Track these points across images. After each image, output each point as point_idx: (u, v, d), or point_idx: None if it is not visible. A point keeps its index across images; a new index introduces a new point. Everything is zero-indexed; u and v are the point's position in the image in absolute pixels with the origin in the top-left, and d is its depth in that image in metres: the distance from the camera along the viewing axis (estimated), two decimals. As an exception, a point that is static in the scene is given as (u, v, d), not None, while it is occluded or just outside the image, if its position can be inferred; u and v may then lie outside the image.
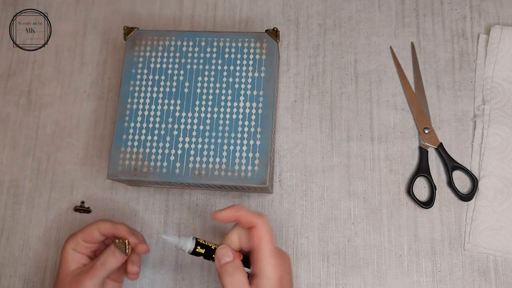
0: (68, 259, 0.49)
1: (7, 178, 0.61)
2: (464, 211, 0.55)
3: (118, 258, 0.48)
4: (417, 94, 0.59)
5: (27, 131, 0.62)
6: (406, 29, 0.61)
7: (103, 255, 0.48)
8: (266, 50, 0.54)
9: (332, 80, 0.60)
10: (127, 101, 0.54)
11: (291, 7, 0.63)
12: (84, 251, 0.50)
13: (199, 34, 0.56)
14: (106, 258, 0.48)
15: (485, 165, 0.55)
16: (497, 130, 0.56)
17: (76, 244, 0.50)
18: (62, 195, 0.60)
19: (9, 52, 0.66)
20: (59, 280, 0.49)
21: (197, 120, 0.53)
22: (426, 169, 0.56)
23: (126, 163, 0.52)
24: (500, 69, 0.58)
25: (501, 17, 0.60)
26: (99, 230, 0.50)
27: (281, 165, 0.58)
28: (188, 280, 0.55)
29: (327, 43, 0.62)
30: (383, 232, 0.55)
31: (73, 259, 0.49)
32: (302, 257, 0.55)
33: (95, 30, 0.65)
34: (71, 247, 0.50)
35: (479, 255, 0.54)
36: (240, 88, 0.53)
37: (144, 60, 0.55)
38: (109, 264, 0.48)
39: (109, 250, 0.48)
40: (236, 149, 0.52)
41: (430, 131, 0.57)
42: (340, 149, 0.58)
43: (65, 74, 0.64)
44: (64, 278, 0.49)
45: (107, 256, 0.48)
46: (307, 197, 0.57)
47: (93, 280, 0.47)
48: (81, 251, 0.50)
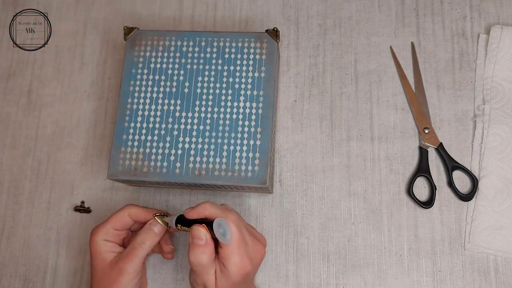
0: (102, 250, 0.48)
1: (7, 178, 0.61)
2: (464, 211, 0.55)
3: (157, 233, 0.48)
4: (417, 94, 0.59)
5: (27, 131, 0.62)
6: (406, 29, 0.61)
7: (139, 234, 0.48)
8: (266, 50, 0.54)
9: (332, 80, 0.60)
10: (127, 101, 0.54)
11: (291, 7, 0.63)
12: (115, 239, 0.49)
13: (199, 34, 0.56)
14: (144, 235, 0.47)
15: (485, 165, 0.55)
16: (497, 130, 0.56)
17: (106, 234, 0.49)
18: (62, 195, 0.60)
19: (9, 52, 0.66)
20: (97, 274, 0.48)
21: (197, 120, 0.53)
22: (426, 169, 0.56)
23: (126, 163, 0.52)
24: (500, 69, 0.58)
25: (501, 17, 0.60)
26: (130, 215, 0.49)
27: (281, 165, 0.58)
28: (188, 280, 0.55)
29: (327, 43, 0.62)
30: (383, 232, 0.55)
31: (107, 249, 0.48)
32: (302, 257, 0.55)
33: (95, 30, 0.65)
34: (101, 238, 0.49)
35: (479, 255, 0.54)
36: (240, 88, 0.53)
37: (144, 60, 0.55)
38: (149, 241, 0.47)
39: (145, 227, 0.48)
40: (236, 149, 0.52)
41: (430, 131, 0.57)
42: (340, 149, 0.58)
43: (65, 74, 0.64)
44: (104, 270, 0.47)
45: (144, 234, 0.47)
46: (307, 197, 0.57)
47: (134, 262, 0.46)
48: (113, 239, 0.49)
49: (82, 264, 0.57)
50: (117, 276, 0.46)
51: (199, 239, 0.43)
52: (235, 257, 0.43)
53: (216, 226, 0.43)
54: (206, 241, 0.43)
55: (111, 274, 0.47)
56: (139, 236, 0.48)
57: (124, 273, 0.46)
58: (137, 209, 0.50)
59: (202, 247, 0.43)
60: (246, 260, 0.44)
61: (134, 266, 0.47)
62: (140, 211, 0.50)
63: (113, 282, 0.46)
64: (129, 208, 0.50)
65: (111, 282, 0.46)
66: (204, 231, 0.44)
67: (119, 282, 0.46)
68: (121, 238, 0.51)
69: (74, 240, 0.58)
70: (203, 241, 0.43)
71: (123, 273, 0.46)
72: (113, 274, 0.46)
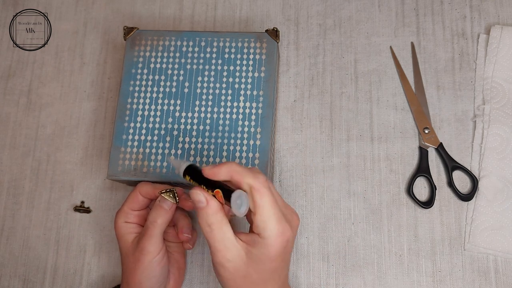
0: (123, 233, 0.48)
1: (7, 178, 0.61)
2: (464, 211, 0.55)
3: (166, 209, 0.47)
4: (417, 94, 0.59)
5: (27, 131, 0.62)
6: (406, 29, 0.61)
7: (150, 213, 0.47)
8: (266, 50, 0.54)
9: (332, 80, 0.60)
10: (127, 101, 0.54)
11: (291, 7, 0.63)
12: (135, 220, 0.49)
13: (199, 34, 0.56)
14: (155, 213, 0.47)
15: (485, 165, 0.55)
16: (497, 130, 0.56)
17: (125, 216, 0.49)
18: (62, 195, 0.60)
19: (9, 52, 0.66)
20: (123, 255, 0.48)
21: (197, 120, 0.53)
22: (426, 169, 0.56)
23: (126, 163, 0.52)
24: (500, 69, 0.58)
25: (501, 17, 0.60)
26: (141, 193, 0.49)
27: (281, 165, 0.58)
28: (188, 280, 0.55)
29: (327, 43, 0.62)
30: (383, 232, 0.55)
31: (127, 231, 0.48)
32: (302, 257, 0.55)
33: (95, 30, 0.65)
34: (122, 220, 0.49)
35: (479, 255, 0.54)
36: (240, 88, 0.53)
37: (144, 60, 0.55)
38: (160, 218, 0.46)
39: (155, 205, 0.47)
40: (236, 149, 0.52)
41: (430, 131, 0.57)
42: (340, 149, 0.58)
43: (65, 74, 0.64)
44: (127, 251, 0.48)
45: (155, 212, 0.47)
46: (307, 197, 0.57)
47: (151, 241, 0.46)
48: (133, 220, 0.49)
49: (82, 264, 0.57)
50: (139, 255, 0.46)
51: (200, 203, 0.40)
52: (272, 222, 0.38)
53: (235, 197, 0.38)
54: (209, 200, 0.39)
55: (134, 254, 0.47)
56: (151, 214, 0.47)
57: (144, 252, 0.46)
58: (147, 187, 0.49)
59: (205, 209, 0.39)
60: (285, 223, 0.38)
61: (153, 244, 0.46)
62: (150, 188, 0.49)
63: (136, 262, 0.46)
64: (140, 187, 0.49)
65: (135, 262, 0.47)
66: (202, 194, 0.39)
67: (141, 261, 0.46)
68: (143, 218, 0.50)
69: (73, 240, 0.58)
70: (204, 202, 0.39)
71: (143, 252, 0.46)
72: (136, 254, 0.47)
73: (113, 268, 0.56)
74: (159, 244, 0.47)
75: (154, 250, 0.46)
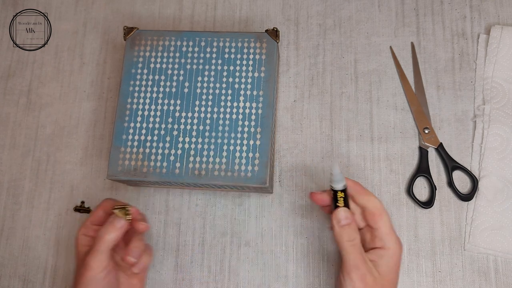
0: (78, 244, 0.49)
1: (7, 178, 0.61)
2: (464, 211, 0.55)
3: (117, 226, 0.46)
4: (417, 94, 0.59)
5: (27, 131, 0.62)
6: (406, 29, 0.61)
7: (100, 229, 0.47)
8: (266, 50, 0.54)
9: (332, 80, 0.60)
10: (127, 101, 0.54)
11: (291, 7, 0.63)
12: (93, 233, 0.49)
13: (199, 34, 0.56)
14: (103, 229, 0.46)
15: (485, 165, 0.55)
16: (497, 130, 0.56)
17: (85, 229, 0.49)
18: (62, 195, 0.60)
19: (9, 52, 0.66)
20: (76, 266, 0.48)
21: (197, 120, 0.53)
22: (426, 169, 0.56)
23: (126, 163, 0.52)
24: (500, 69, 0.58)
25: (501, 17, 0.60)
26: (102, 208, 0.49)
27: (281, 165, 0.58)
28: (188, 280, 0.55)
29: (327, 43, 0.62)
30: (383, 232, 0.55)
31: (83, 243, 0.49)
32: (302, 257, 0.55)
33: (95, 30, 0.65)
34: (81, 232, 0.49)
35: (479, 255, 0.54)
36: (240, 88, 0.53)
37: (144, 60, 0.55)
38: (108, 235, 0.46)
39: (106, 221, 0.47)
40: (236, 149, 0.52)
41: (430, 131, 0.57)
42: (340, 149, 0.58)
43: (65, 74, 0.64)
44: (78, 263, 0.48)
45: (104, 228, 0.47)
46: (307, 197, 0.57)
47: (96, 257, 0.46)
48: (90, 234, 0.49)
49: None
50: (84, 270, 0.46)
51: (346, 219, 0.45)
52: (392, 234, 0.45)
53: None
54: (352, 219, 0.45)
55: (80, 268, 0.47)
56: (100, 230, 0.47)
57: (88, 267, 0.46)
58: (109, 202, 0.50)
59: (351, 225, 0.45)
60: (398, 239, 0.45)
61: (97, 261, 0.45)
62: (111, 203, 0.49)
63: (81, 276, 0.46)
64: (102, 202, 0.50)
65: (80, 275, 0.46)
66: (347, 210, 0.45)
67: (84, 276, 0.46)
68: None
69: (73, 241, 0.58)
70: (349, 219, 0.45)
71: (86, 268, 0.46)
72: (82, 268, 0.46)
73: (113, 268, 0.57)
74: (103, 261, 0.46)
75: (97, 266, 0.46)
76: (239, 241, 0.56)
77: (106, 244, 0.46)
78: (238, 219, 0.57)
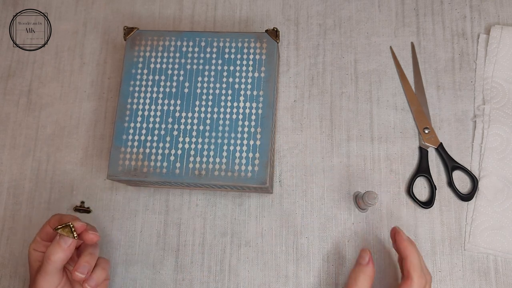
0: (30, 259, 0.48)
1: (7, 178, 0.61)
2: (464, 211, 0.55)
3: (63, 246, 0.45)
4: (417, 94, 0.59)
5: (27, 131, 0.62)
6: (406, 29, 0.61)
7: (48, 248, 0.45)
8: (266, 50, 0.54)
9: (332, 80, 0.60)
10: (127, 101, 0.54)
11: (291, 7, 0.63)
12: (44, 249, 0.48)
13: (199, 34, 0.56)
14: (50, 249, 0.45)
15: (485, 165, 0.55)
16: (497, 130, 0.56)
17: (36, 244, 0.48)
18: (62, 195, 0.60)
19: (9, 52, 0.66)
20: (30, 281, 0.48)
21: (197, 120, 0.53)
22: (426, 169, 0.56)
23: (126, 163, 0.52)
24: (500, 69, 0.58)
25: (501, 17, 0.60)
26: (49, 224, 0.48)
27: (281, 165, 0.58)
28: (188, 280, 0.55)
29: (327, 43, 0.62)
30: (383, 232, 0.55)
31: (35, 258, 0.48)
32: (302, 257, 0.55)
33: (95, 30, 0.65)
34: (32, 247, 0.48)
35: (479, 255, 0.54)
36: (240, 88, 0.53)
37: (144, 60, 0.55)
38: (54, 255, 0.44)
39: (53, 241, 0.46)
40: (236, 149, 0.52)
41: (430, 131, 0.57)
42: (340, 149, 0.58)
43: (65, 74, 0.64)
44: (30, 278, 0.48)
45: (51, 247, 0.45)
46: (307, 197, 0.57)
47: (45, 278, 0.45)
48: (41, 250, 0.48)
49: (82, 264, 0.57)
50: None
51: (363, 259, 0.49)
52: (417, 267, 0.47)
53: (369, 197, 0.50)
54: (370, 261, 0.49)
55: (32, 285, 0.46)
56: (47, 250, 0.45)
57: (38, 287, 0.45)
58: (56, 217, 0.48)
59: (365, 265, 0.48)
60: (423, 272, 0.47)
61: (47, 281, 0.45)
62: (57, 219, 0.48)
63: None
64: (50, 219, 0.49)
65: None
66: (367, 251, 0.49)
67: None
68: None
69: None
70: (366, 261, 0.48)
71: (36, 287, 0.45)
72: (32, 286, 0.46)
73: (113, 267, 0.57)
74: (53, 282, 0.45)
75: (48, 286, 0.45)
76: (239, 241, 0.56)
77: (54, 265, 0.45)
78: (238, 219, 0.57)
